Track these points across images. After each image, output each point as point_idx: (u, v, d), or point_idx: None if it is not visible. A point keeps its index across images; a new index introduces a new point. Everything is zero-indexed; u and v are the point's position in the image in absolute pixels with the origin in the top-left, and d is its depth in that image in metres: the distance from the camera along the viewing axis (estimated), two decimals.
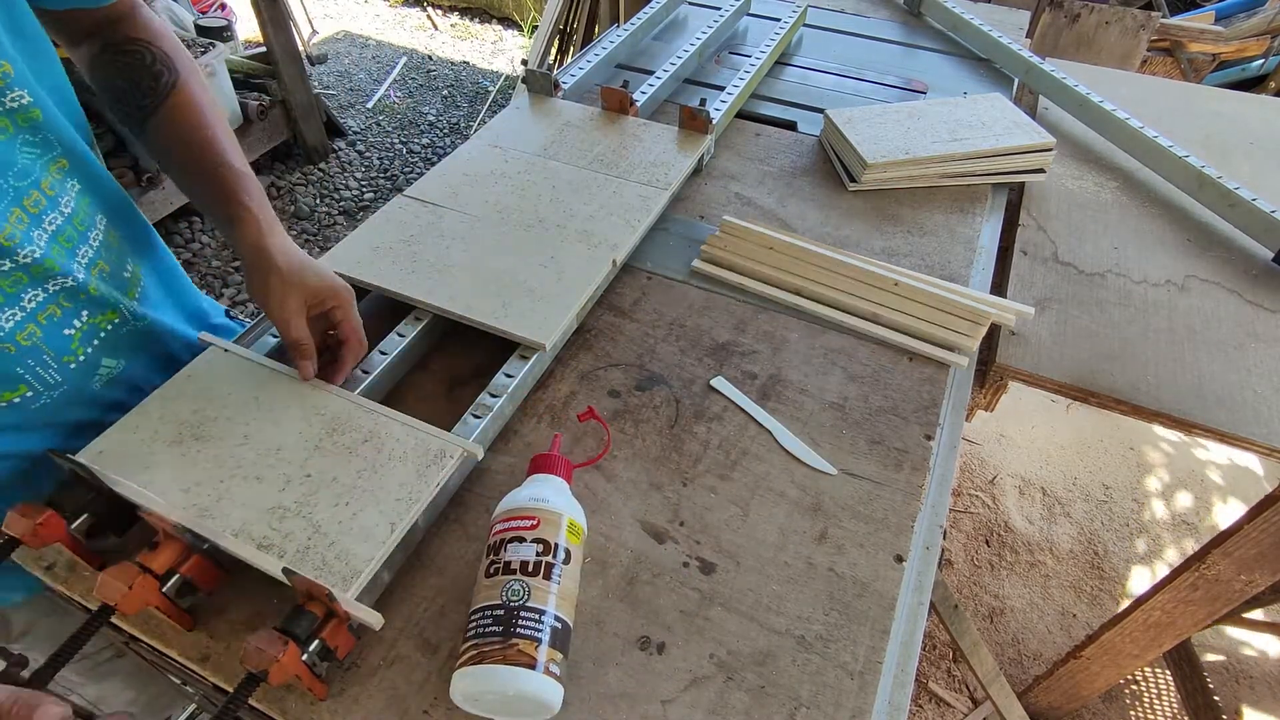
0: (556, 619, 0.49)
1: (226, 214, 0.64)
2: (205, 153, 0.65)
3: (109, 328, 0.64)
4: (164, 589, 0.51)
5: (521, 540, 0.51)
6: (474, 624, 0.49)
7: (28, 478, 0.61)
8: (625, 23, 1.34)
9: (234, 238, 0.64)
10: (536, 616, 0.48)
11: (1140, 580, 1.76)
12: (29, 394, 0.58)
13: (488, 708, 0.50)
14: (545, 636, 0.48)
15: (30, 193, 0.56)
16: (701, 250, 0.89)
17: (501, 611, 0.48)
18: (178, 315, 0.75)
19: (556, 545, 0.51)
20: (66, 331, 0.60)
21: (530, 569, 0.50)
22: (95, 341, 0.63)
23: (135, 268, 0.69)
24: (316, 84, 3.35)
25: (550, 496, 0.55)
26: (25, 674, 0.46)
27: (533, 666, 0.46)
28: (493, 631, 0.47)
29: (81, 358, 0.62)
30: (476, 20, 4.14)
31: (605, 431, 0.69)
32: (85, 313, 0.61)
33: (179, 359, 0.71)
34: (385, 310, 0.77)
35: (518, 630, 0.47)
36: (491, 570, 0.51)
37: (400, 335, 0.73)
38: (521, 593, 0.49)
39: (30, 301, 0.56)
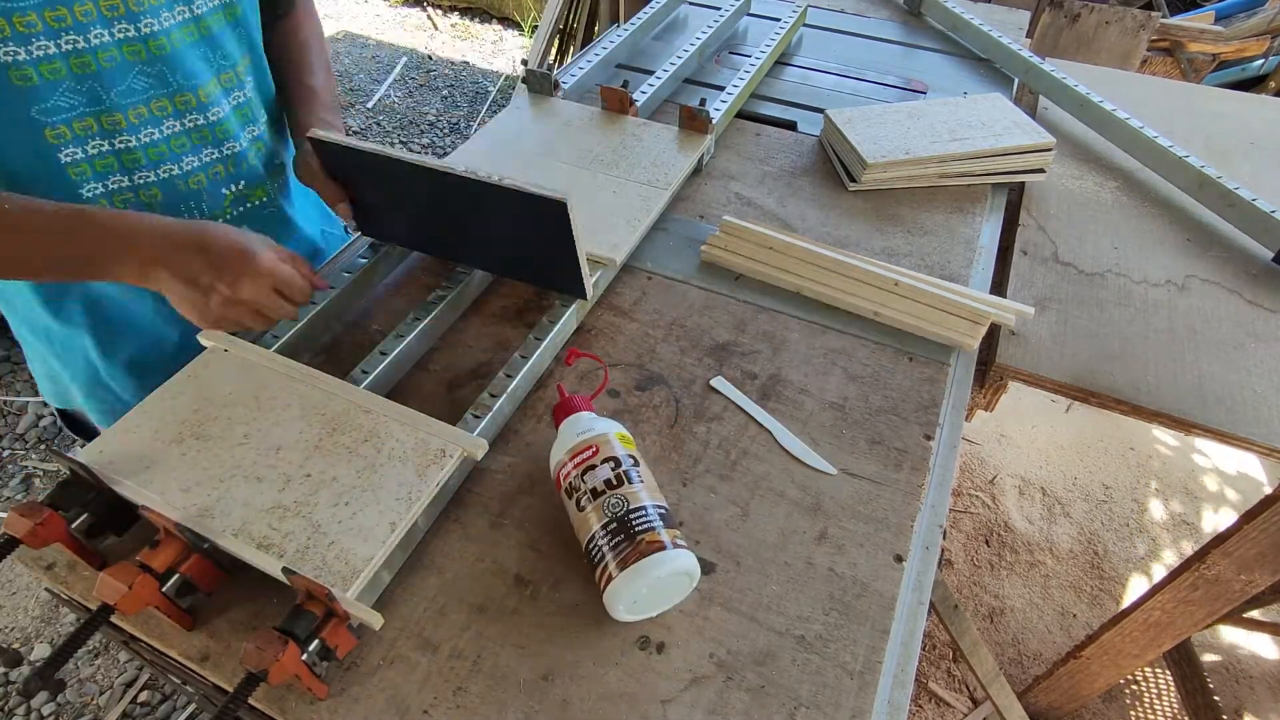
0: (657, 506, 0.55)
1: (291, 118, 0.83)
2: (292, 68, 0.83)
3: (256, 203, 0.80)
4: (164, 589, 0.51)
5: (593, 467, 0.57)
6: (597, 546, 0.54)
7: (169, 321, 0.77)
8: (625, 23, 1.34)
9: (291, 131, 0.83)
10: (643, 512, 0.54)
11: (1140, 580, 1.76)
12: None
13: (644, 607, 0.55)
14: (658, 523, 0.54)
15: (227, 71, 0.73)
16: (702, 251, 0.89)
17: (615, 524, 0.54)
18: (311, 214, 0.92)
19: (621, 457, 0.58)
20: (224, 190, 0.76)
21: (614, 482, 0.56)
22: (242, 208, 0.79)
23: (284, 163, 0.85)
24: None
25: (591, 425, 0.60)
26: (22, 668, 0.47)
27: (665, 548, 0.53)
28: (619, 541, 0.53)
29: (229, 218, 0.77)
30: (476, 20, 4.14)
31: (599, 363, 0.72)
32: (242, 182, 0.77)
33: (306, 251, 0.88)
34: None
35: (636, 529, 0.53)
36: (582, 504, 0.56)
37: (399, 336, 0.73)
38: (620, 503, 0.55)
39: (207, 155, 0.73)
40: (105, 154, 0.67)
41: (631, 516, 0.54)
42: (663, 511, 0.56)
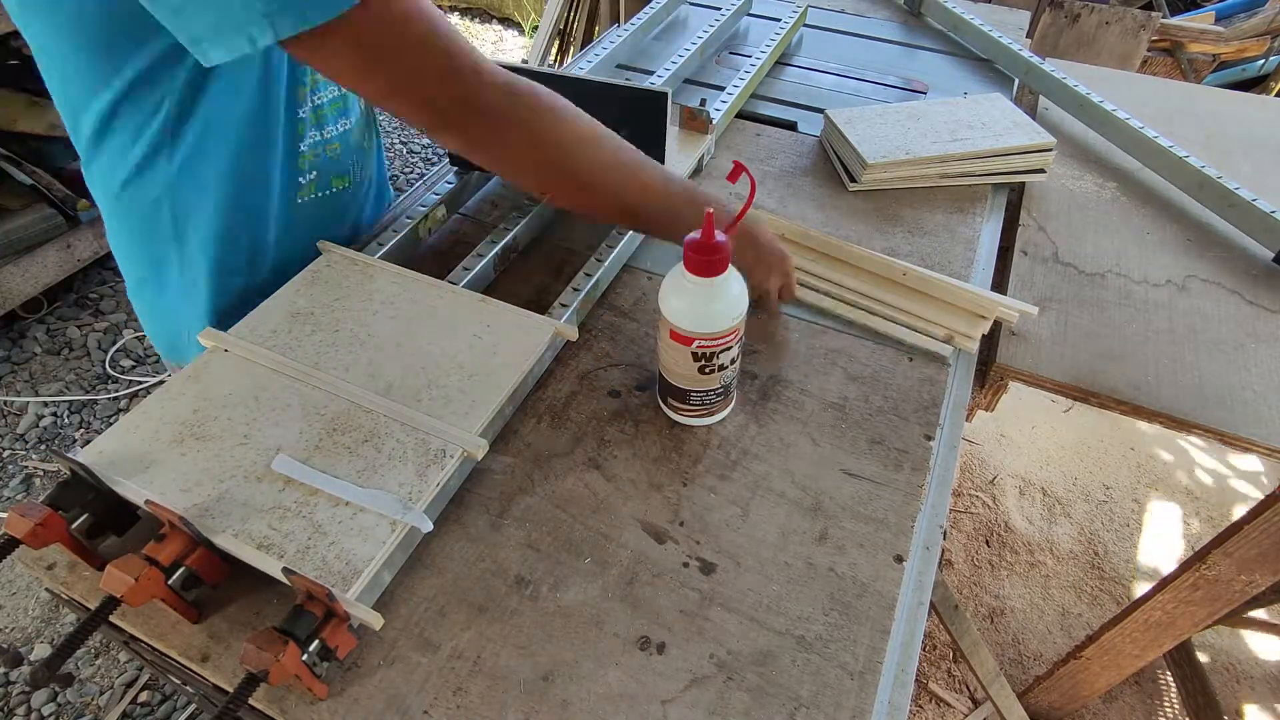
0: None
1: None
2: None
3: (369, 149, 0.87)
4: (170, 581, 0.51)
5: (729, 348, 0.64)
6: (699, 398, 0.67)
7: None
8: (625, 23, 1.34)
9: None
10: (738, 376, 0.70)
11: (1140, 580, 1.76)
12: (348, 184, 0.83)
13: None
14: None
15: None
16: None
17: (722, 390, 0.68)
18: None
19: (742, 332, 0.66)
20: (360, 145, 0.83)
21: (735, 359, 0.66)
22: (363, 157, 0.85)
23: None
24: None
25: (738, 299, 0.63)
26: (23, 669, 0.47)
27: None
28: (718, 400, 0.68)
29: (362, 169, 0.85)
30: (477, 20, 4.14)
31: (749, 177, 0.62)
32: (363, 134, 0.83)
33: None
34: None
35: (732, 390, 0.70)
36: (706, 370, 0.65)
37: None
38: (733, 374, 0.68)
39: (341, 124, 0.78)
40: (322, 105, 0.74)
41: (735, 383, 0.70)
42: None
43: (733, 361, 0.66)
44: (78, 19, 0.57)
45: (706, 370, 0.65)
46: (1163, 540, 1.85)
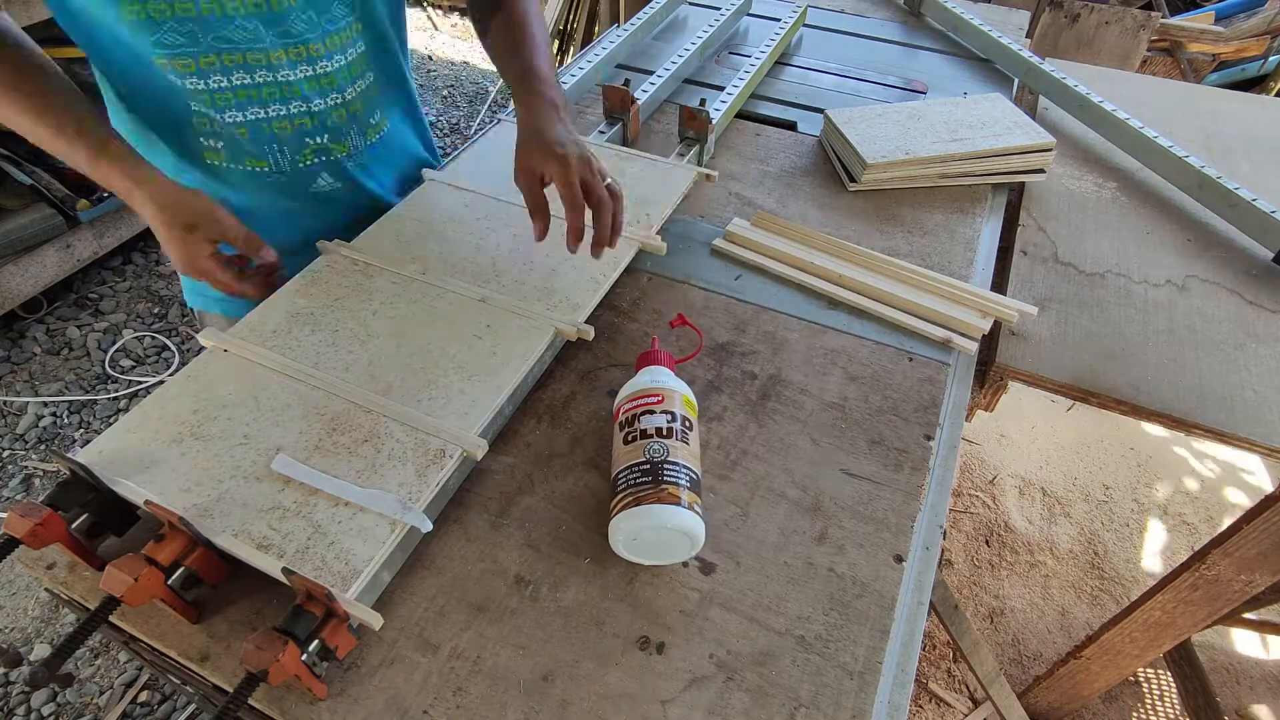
0: (690, 470, 0.58)
1: (517, 96, 0.77)
2: (517, 51, 0.79)
3: (339, 155, 0.83)
4: (169, 581, 0.52)
5: (651, 412, 0.61)
6: (624, 479, 0.57)
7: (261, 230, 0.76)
8: (625, 23, 1.34)
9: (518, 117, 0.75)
10: (676, 467, 0.57)
11: (1140, 580, 1.76)
12: (267, 169, 0.79)
13: (641, 549, 0.58)
14: (685, 482, 0.57)
15: (327, 38, 0.74)
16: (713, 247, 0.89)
17: (648, 465, 0.57)
18: (406, 159, 0.95)
19: (679, 415, 0.61)
20: (305, 140, 0.79)
21: (664, 433, 0.59)
22: (322, 159, 0.82)
23: (384, 118, 0.87)
24: None
25: (664, 380, 0.64)
26: (23, 669, 0.47)
27: (679, 504, 0.55)
28: (644, 481, 0.56)
29: (307, 164, 0.81)
30: None
31: (696, 332, 0.79)
32: (324, 135, 0.80)
33: (386, 198, 0.91)
34: None
35: (664, 478, 0.56)
36: (629, 438, 0.60)
37: None
38: (661, 450, 0.58)
39: (274, 110, 0.75)
40: (223, 89, 0.72)
41: (665, 466, 0.57)
42: (693, 477, 0.58)
43: (659, 433, 0.59)
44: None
45: (629, 439, 0.60)
46: (1162, 540, 1.85)
